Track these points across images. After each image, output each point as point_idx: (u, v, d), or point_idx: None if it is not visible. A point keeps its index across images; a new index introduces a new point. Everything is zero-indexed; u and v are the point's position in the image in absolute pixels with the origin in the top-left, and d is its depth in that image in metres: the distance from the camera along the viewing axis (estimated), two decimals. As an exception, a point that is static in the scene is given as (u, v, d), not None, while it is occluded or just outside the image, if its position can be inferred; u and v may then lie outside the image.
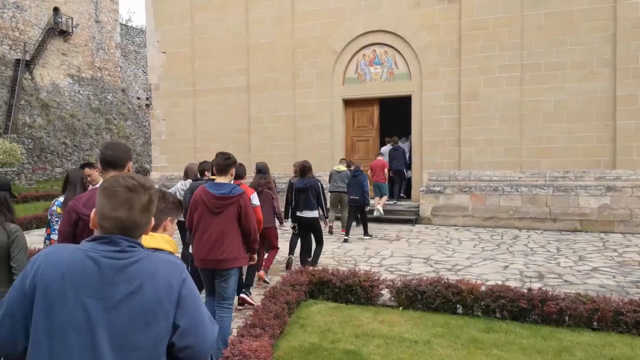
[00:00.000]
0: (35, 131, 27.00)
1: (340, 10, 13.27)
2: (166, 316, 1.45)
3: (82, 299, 1.39)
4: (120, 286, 1.41)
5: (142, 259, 1.46)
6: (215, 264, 4.19)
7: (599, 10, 11.10)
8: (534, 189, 11.40)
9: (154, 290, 1.44)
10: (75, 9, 31.00)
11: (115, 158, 2.82)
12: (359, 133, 13.91)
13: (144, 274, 1.45)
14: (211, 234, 4.18)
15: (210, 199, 4.21)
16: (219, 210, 4.19)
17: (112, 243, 1.44)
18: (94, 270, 1.41)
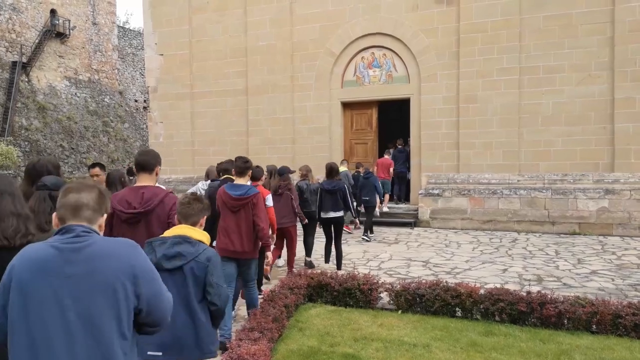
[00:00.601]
0: (32, 134, 26.92)
1: (338, 13, 13.27)
2: (124, 287, 1.73)
3: (49, 279, 1.69)
4: (80, 264, 1.71)
5: (96, 242, 1.76)
6: (236, 255, 4.75)
7: (597, 14, 11.12)
8: (533, 192, 11.39)
9: (112, 266, 1.74)
10: (72, 11, 30.96)
11: (147, 162, 3.51)
12: (357, 136, 13.89)
13: (100, 254, 1.74)
14: (231, 230, 4.74)
15: (229, 199, 4.76)
16: (236, 209, 4.75)
17: (69, 231, 1.77)
18: (56, 255, 1.71)
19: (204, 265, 2.72)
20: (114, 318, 1.72)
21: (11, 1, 27.52)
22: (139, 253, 1.84)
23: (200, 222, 2.90)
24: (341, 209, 7.55)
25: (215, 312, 2.75)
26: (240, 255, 4.74)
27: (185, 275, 2.71)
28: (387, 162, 12.55)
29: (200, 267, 2.72)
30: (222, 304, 2.74)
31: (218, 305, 2.72)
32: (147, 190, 3.48)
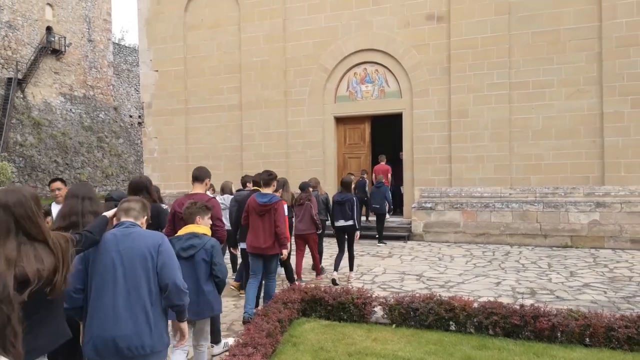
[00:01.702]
0: (27, 149, 26.88)
1: (331, 30, 13.45)
2: (152, 259, 2.81)
3: (109, 252, 2.81)
4: (127, 243, 2.82)
5: (137, 230, 2.91)
6: (261, 251, 5.89)
7: (585, 30, 11.33)
8: (525, 205, 11.49)
9: (146, 242, 2.84)
10: (68, 28, 31.13)
11: (199, 175, 4.99)
12: (350, 150, 14.00)
13: (139, 235, 2.87)
14: (258, 230, 5.89)
15: (256, 205, 5.93)
16: (262, 214, 5.89)
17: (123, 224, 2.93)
18: (113, 238, 2.85)
19: (210, 251, 3.90)
20: (144, 276, 2.79)
21: (7, 18, 27.67)
22: (164, 239, 2.93)
23: (197, 220, 4.02)
24: (351, 219, 8.07)
25: (219, 282, 3.95)
26: (264, 250, 5.88)
27: (196, 260, 3.91)
28: (384, 167, 12.76)
29: (207, 253, 3.92)
30: (224, 277, 3.98)
31: (221, 277, 3.92)
32: (197, 196, 4.74)
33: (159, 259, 2.81)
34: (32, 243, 2.22)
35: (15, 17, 28.13)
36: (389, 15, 12.89)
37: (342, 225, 8.09)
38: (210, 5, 14.81)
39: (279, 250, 5.93)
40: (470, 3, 12.09)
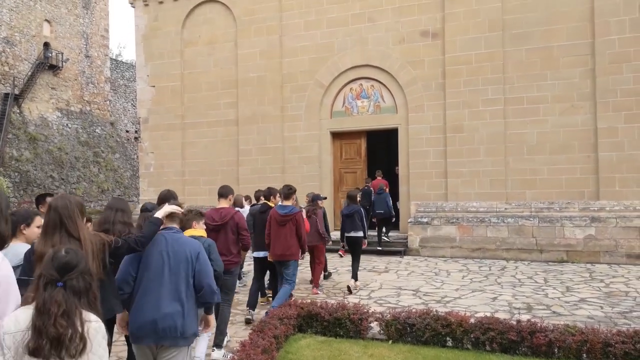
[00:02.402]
0: (22, 165, 26.81)
1: (327, 46, 13.58)
2: (192, 262, 3.41)
3: (159, 251, 3.38)
4: (175, 245, 3.42)
5: (182, 236, 3.56)
6: (282, 257, 6.64)
7: (578, 46, 11.48)
8: (520, 220, 11.51)
9: (189, 248, 3.44)
10: (66, 44, 31.28)
11: (224, 192, 5.92)
12: (346, 165, 14.04)
13: (185, 241, 3.50)
14: (279, 239, 6.61)
15: (277, 216, 6.65)
16: (283, 224, 6.61)
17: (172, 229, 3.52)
18: (163, 239, 3.43)
19: (207, 249, 4.25)
20: (184, 275, 3.37)
21: (5, 34, 27.78)
22: (202, 248, 3.57)
23: (193, 225, 4.71)
24: (360, 230, 8.57)
25: (217, 274, 4.28)
26: (284, 257, 6.63)
27: None
28: (381, 182, 12.73)
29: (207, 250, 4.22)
30: (220, 270, 4.53)
31: (217, 270, 4.39)
32: (223, 210, 5.80)
33: (197, 264, 3.44)
34: (69, 238, 2.88)
35: (12, 33, 28.26)
36: (385, 32, 13.03)
37: (353, 236, 8.60)
38: (208, 21, 14.94)
39: (298, 257, 6.75)
40: (464, 20, 12.25)
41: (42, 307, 2.07)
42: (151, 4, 15.53)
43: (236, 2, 14.49)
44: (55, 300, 2.08)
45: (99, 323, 2.20)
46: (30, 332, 2.06)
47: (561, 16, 11.58)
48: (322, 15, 13.63)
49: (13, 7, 28.18)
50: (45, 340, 2.03)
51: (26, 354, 2.05)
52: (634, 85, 11.04)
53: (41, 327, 2.04)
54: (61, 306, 2.07)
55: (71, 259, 2.19)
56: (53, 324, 2.04)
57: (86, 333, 2.10)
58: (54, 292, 2.10)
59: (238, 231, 5.72)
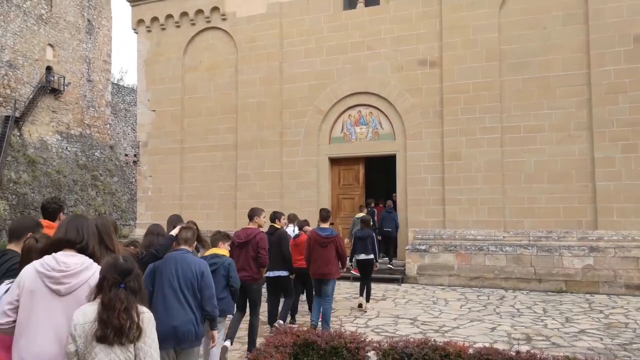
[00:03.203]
0: (20, 187, 26.78)
1: (327, 73, 13.74)
2: (197, 278, 4.14)
3: (170, 267, 4.14)
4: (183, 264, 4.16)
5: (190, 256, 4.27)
6: (322, 276, 7.26)
7: (574, 77, 11.62)
8: (519, 248, 11.45)
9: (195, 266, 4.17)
10: (68, 68, 31.62)
11: (251, 214, 6.81)
12: (344, 191, 14.04)
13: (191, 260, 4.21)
14: (321, 259, 7.24)
15: (319, 238, 7.30)
16: (325, 245, 7.25)
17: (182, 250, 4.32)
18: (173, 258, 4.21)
19: (227, 267, 5.37)
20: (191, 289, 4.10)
21: (8, 58, 28.11)
22: (206, 267, 4.28)
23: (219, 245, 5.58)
24: (370, 252, 9.07)
25: (234, 291, 5.44)
26: (325, 276, 7.24)
27: (217, 274, 5.22)
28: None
29: (225, 269, 5.39)
30: (236, 285, 5.43)
31: (235, 286, 5.40)
32: (249, 230, 6.64)
33: (201, 281, 4.17)
34: (106, 252, 3.47)
35: (16, 56, 28.59)
36: (383, 60, 13.21)
37: (364, 259, 9.11)
38: (209, 48, 15.15)
39: (338, 276, 7.39)
40: (461, 50, 12.43)
41: (109, 304, 2.61)
42: (154, 30, 15.77)
43: (238, 30, 14.72)
44: (119, 298, 2.63)
45: (149, 314, 2.76)
46: (97, 323, 2.58)
47: (557, 47, 11.76)
48: (322, 43, 13.83)
49: (17, 32, 28.59)
50: (110, 329, 2.56)
51: (94, 341, 2.57)
52: (631, 116, 11.13)
53: (107, 320, 2.57)
54: (123, 303, 2.62)
55: (129, 266, 2.74)
56: (117, 316, 2.57)
57: (141, 322, 2.66)
58: (118, 291, 2.65)
59: (257, 249, 6.45)
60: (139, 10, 15.93)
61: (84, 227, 3.06)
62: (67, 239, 2.98)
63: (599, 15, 11.40)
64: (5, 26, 27.84)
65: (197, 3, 15.14)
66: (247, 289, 6.41)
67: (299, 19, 14.11)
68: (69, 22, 31.84)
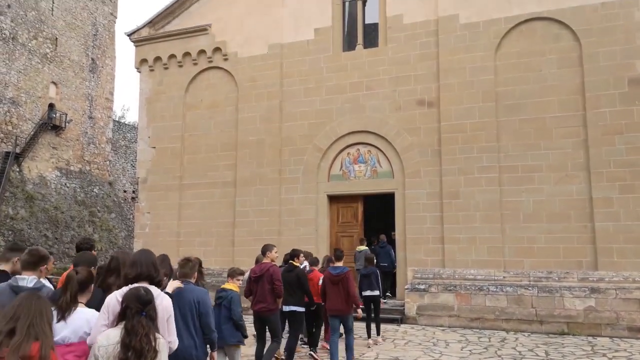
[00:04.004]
0: (17, 223, 26.64)
1: (326, 112, 13.91)
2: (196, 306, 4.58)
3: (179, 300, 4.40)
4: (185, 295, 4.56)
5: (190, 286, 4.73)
6: (338, 312, 7.64)
7: (570, 118, 11.76)
8: (519, 289, 11.31)
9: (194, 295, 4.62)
10: (70, 106, 32.03)
11: (263, 250, 7.42)
12: (343, 229, 13.97)
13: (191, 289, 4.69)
14: (334, 296, 7.61)
15: (331, 276, 7.71)
16: (336, 282, 7.60)
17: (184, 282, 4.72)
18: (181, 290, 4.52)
19: (229, 301, 6.07)
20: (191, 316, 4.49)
21: (11, 95, 28.51)
22: (206, 295, 4.68)
23: (229, 280, 6.42)
24: (376, 289, 9.55)
25: (235, 322, 6.04)
26: (341, 312, 7.60)
27: (222, 305, 6.11)
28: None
29: (228, 301, 6.10)
30: (237, 319, 6.03)
31: (235, 318, 6.02)
32: (263, 264, 7.26)
33: (200, 308, 4.57)
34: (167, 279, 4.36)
35: (19, 94, 29.01)
36: (382, 100, 13.40)
37: (370, 295, 9.54)
38: (210, 87, 15.40)
39: (351, 312, 7.69)
40: (458, 91, 12.64)
41: (132, 329, 3.00)
42: (157, 69, 16.06)
43: (239, 69, 15.00)
44: (142, 325, 3.03)
45: (163, 339, 3.24)
46: (120, 346, 2.94)
47: (552, 89, 11.96)
48: (321, 83, 14.07)
49: (21, 70, 29.12)
50: (132, 352, 2.93)
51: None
52: (628, 157, 11.20)
53: (129, 343, 2.94)
54: (145, 329, 3.02)
55: (150, 297, 3.19)
56: (139, 340, 2.95)
57: (157, 346, 3.06)
58: (140, 319, 3.05)
59: (272, 281, 6.99)
60: (143, 50, 16.28)
61: (155, 263, 3.78)
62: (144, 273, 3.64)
63: (593, 58, 11.65)
64: (10, 64, 28.37)
65: (199, 44, 15.49)
66: (265, 320, 7.23)
67: (299, 59, 14.41)
68: (73, 60, 32.48)
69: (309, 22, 14.45)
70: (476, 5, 12.76)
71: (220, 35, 15.31)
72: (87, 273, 3.65)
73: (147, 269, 3.65)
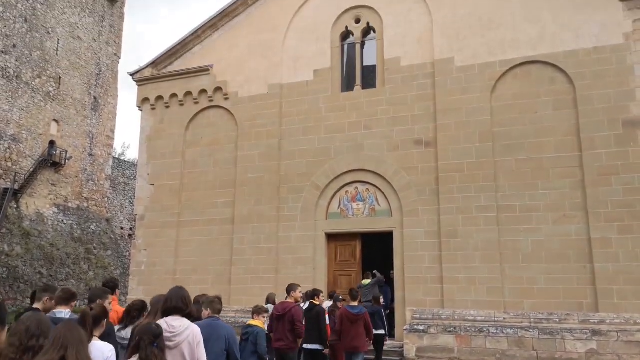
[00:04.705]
0: (12, 260, 26.36)
1: (324, 150, 14.04)
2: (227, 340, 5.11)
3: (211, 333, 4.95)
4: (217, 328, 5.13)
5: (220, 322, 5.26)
6: (354, 349, 8.20)
7: (566, 159, 11.86)
8: (520, 331, 11.13)
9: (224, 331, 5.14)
10: (71, 143, 32.26)
11: (288, 289, 8.01)
12: (341, 267, 13.86)
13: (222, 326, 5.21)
14: (351, 334, 8.14)
15: (349, 315, 8.24)
16: (354, 321, 8.17)
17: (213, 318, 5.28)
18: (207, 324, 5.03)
19: (255, 336, 6.61)
20: (221, 349, 4.97)
21: (12, 132, 28.75)
22: (233, 331, 5.17)
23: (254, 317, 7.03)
24: (380, 328, 10.01)
25: (260, 356, 6.57)
26: (356, 349, 8.20)
27: (249, 341, 6.68)
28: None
29: (254, 337, 6.65)
30: (262, 353, 6.61)
31: (260, 352, 6.58)
32: (285, 304, 7.74)
33: (228, 342, 5.03)
34: None
35: (20, 131, 29.26)
36: (380, 139, 13.55)
37: (375, 334, 9.75)
38: (211, 125, 15.58)
39: (367, 348, 8.47)
40: (455, 131, 12.80)
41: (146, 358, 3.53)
42: (158, 107, 16.29)
43: (239, 108, 15.23)
44: (154, 354, 3.56)
45: None
46: None
47: (548, 130, 12.12)
48: (320, 122, 14.26)
49: (24, 107, 29.49)
50: None
51: None
52: (625, 198, 11.24)
53: None
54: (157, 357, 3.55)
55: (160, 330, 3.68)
56: None
57: None
58: (153, 349, 3.55)
59: (293, 322, 7.46)
60: (145, 89, 16.55)
61: (186, 297, 4.31)
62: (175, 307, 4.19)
63: (587, 101, 11.86)
64: (12, 102, 28.75)
65: (201, 83, 15.77)
66: (284, 357, 7.66)
67: (299, 99, 14.65)
68: (76, 99, 32.94)
69: (308, 64, 14.78)
70: (471, 48, 13.10)
71: (221, 76, 15.62)
72: (101, 309, 4.20)
73: (176, 303, 4.21)
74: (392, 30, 14.11)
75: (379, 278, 12.41)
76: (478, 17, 13.22)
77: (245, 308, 13.39)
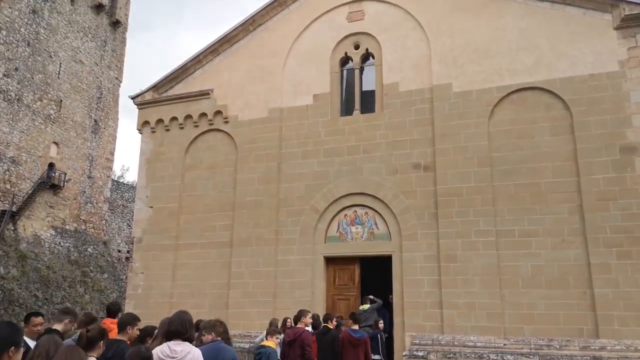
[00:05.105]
0: (8, 283, 26.12)
1: (323, 174, 14.09)
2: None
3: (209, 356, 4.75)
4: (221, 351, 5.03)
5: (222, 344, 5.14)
6: None
7: (564, 184, 11.91)
8: (520, 357, 10.99)
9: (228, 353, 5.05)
10: (70, 165, 32.32)
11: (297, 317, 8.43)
12: (339, 291, 13.76)
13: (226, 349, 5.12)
14: (351, 357, 8.18)
15: (351, 338, 8.32)
16: (356, 345, 8.26)
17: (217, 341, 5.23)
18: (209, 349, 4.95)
19: (267, 356, 6.85)
20: None
21: (12, 154, 28.82)
22: (235, 354, 5.10)
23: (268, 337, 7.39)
24: (378, 353, 10.12)
25: None
26: None
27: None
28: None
29: (266, 357, 6.89)
30: None
31: None
32: (296, 329, 8.05)
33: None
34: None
35: (20, 153, 29.33)
36: (378, 163, 13.62)
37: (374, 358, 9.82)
38: (210, 148, 15.66)
39: None
40: (454, 155, 12.88)
41: None
42: (158, 130, 16.39)
43: (239, 132, 15.33)
44: None
45: None
46: None
47: (546, 155, 12.20)
48: (319, 145, 14.35)
49: (24, 130, 29.63)
50: None
51: None
52: (623, 223, 11.24)
53: None
54: None
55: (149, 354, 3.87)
56: None
57: None
58: None
59: (303, 346, 7.68)
60: (146, 112, 16.68)
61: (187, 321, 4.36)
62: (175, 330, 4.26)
63: (584, 127, 11.97)
64: (13, 124, 28.90)
65: (201, 107, 15.91)
66: None
67: (298, 123, 14.77)
68: (76, 122, 33.14)
69: (308, 88, 14.95)
70: (468, 75, 13.28)
71: (221, 100, 15.77)
72: (98, 331, 4.24)
73: (176, 327, 4.29)
74: (390, 56, 14.32)
75: (378, 303, 12.32)
76: (475, 46, 13.44)
77: (243, 332, 13.24)
